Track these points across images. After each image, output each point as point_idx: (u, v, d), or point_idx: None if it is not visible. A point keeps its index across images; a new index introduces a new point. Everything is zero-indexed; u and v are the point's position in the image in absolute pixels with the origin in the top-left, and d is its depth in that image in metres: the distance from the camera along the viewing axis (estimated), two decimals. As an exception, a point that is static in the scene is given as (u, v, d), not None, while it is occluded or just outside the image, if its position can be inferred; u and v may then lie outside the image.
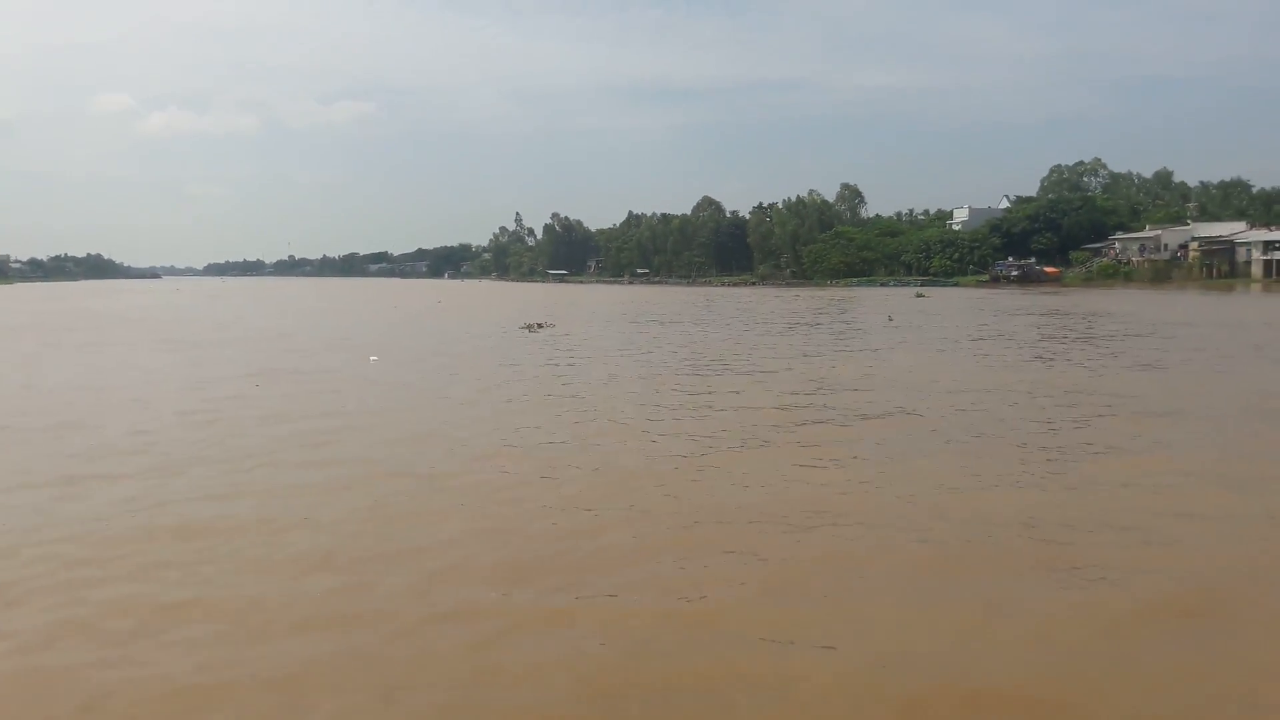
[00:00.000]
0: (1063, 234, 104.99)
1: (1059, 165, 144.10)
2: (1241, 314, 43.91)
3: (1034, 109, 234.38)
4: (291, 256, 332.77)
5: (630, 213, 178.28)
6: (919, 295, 68.67)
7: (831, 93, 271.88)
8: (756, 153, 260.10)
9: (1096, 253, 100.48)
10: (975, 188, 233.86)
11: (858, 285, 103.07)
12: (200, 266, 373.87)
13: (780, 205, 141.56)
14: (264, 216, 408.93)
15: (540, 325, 36.98)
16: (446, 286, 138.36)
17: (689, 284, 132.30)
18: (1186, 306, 49.58)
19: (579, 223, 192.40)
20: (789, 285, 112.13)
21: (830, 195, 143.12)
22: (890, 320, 40.28)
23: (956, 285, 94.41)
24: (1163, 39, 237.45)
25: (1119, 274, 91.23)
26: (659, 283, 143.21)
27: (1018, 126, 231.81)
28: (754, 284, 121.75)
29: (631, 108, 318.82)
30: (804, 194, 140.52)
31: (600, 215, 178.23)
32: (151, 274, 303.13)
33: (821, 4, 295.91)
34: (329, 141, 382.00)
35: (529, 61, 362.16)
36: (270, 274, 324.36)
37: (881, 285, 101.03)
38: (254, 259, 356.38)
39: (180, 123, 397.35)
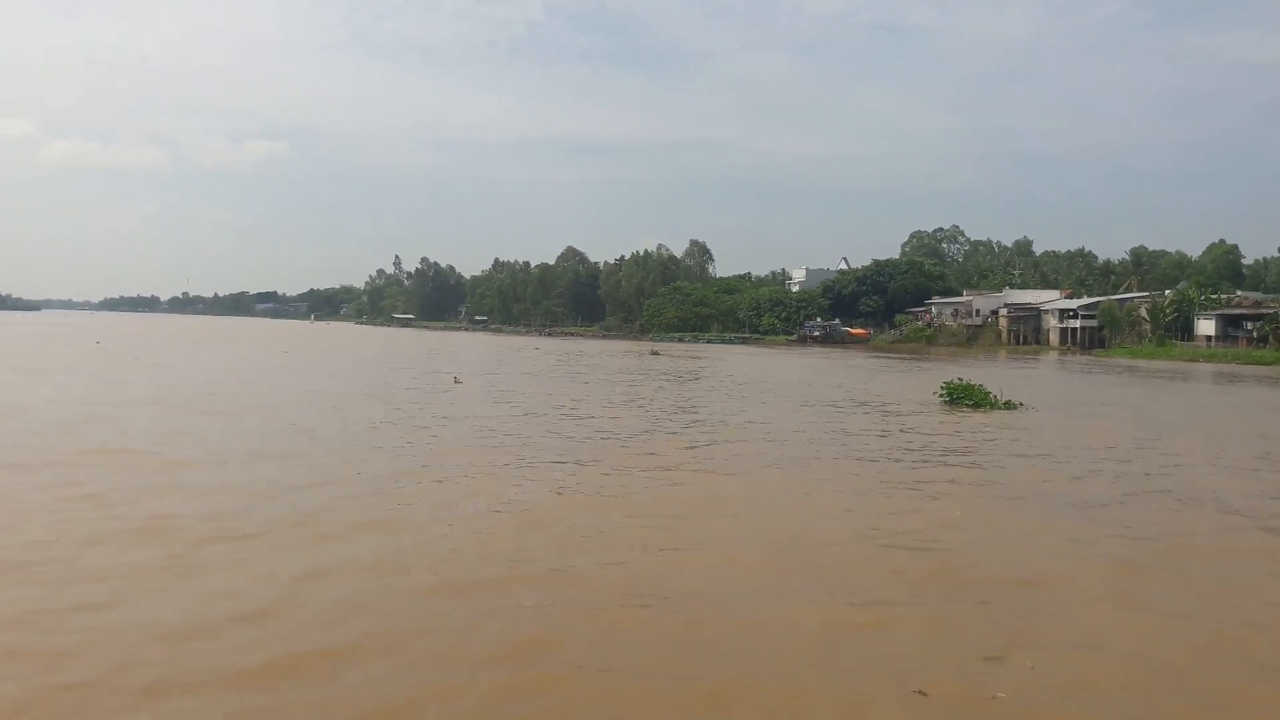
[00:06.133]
0: (889, 297, 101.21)
1: (919, 231, 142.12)
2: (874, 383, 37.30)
3: (931, 179, 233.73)
4: (186, 294, 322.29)
5: (496, 259, 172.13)
6: (653, 353, 62.63)
7: (744, 155, 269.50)
8: (666, 210, 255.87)
9: (917, 316, 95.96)
10: (854, 250, 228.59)
11: (677, 339, 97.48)
12: (97, 300, 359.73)
13: (629, 258, 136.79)
14: (165, 252, 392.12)
15: None
16: (254, 327, 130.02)
17: (525, 334, 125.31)
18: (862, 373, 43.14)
19: (450, 268, 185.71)
20: (625, 338, 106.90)
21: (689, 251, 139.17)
22: (456, 381, 33.53)
23: (744, 343, 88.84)
24: (1050, 119, 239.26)
25: (922, 337, 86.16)
26: (495, 330, 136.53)
27: (912, 195, 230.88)
28: (569, 335, 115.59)
29: (547, 161, 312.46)
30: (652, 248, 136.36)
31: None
32: (31, 307, 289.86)
33: (739, 72, 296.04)
34: (237, 179, 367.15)
35: (448, 111, 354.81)
36: (164, 310, 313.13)
37: (678, 340, 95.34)
38: (149, 295, 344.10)
39: (84, 153, 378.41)
